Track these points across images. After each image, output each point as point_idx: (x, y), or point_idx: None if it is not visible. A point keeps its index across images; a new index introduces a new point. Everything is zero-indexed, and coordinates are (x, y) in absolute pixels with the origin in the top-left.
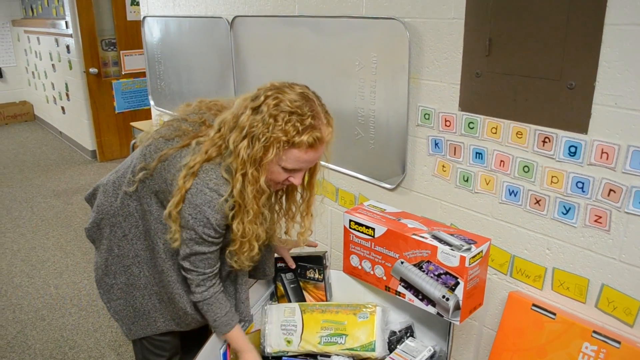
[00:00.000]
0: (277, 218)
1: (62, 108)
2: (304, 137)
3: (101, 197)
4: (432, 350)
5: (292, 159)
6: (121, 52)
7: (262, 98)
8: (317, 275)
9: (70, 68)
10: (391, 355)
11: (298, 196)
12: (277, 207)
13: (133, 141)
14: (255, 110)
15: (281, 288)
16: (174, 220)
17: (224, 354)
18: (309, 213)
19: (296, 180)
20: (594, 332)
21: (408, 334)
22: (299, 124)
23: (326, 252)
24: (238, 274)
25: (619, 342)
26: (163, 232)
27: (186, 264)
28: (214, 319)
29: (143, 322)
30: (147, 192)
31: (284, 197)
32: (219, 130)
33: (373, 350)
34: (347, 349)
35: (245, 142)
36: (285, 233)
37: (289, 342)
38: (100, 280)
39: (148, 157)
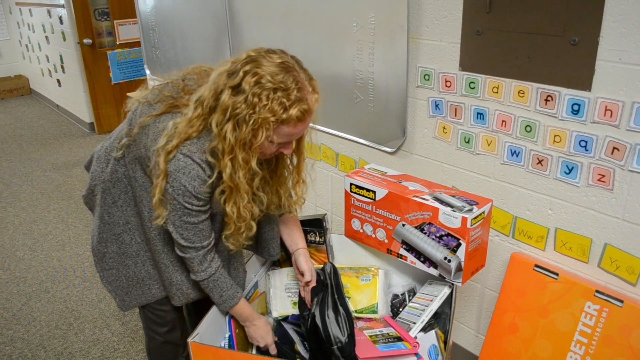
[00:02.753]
0: (271, 190)
1: (58, 81)
2: (292, 112)
3: (95, 164)
4: (452, 287)
5: (282, 134)
6: (115, 21)
7: (240, 74)
8: (318, 238)
9: (64, 40)
10: (413, 300)
11: (288, 162)
12: (266, 175)
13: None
14: (236, 89)
15: (283, 253)
16: (162, 203)
17: (229, 321)
18: (300, 180)
19: (287, 150)
20: (597, 291)
21: (411, 297)
22: (285, 100)
23: (326, 214)
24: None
25: (621, 301)
26: (148, 200)
27: (181, 241)
28: (220, 294)
29: (137, 290)
30: (131, 158)
31: (269, 169)
32: (196, 109)
33: (375, 312)
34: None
35: (230, 125)
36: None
37: (294, 303)
38: (94, 248)
39: (133, 122)
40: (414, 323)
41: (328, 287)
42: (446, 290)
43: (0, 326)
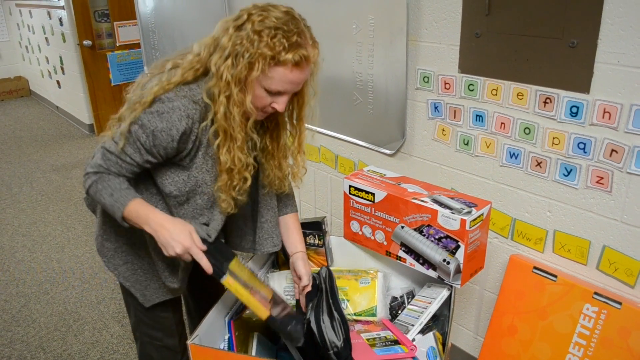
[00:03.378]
0: (275, 163)
1: (58, 82)
2: (290, 55)
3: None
4: (451, 290)
5: (277, 78)
6: (115, 23)
7: (245, 17)
8: (317, 241)
9: (64, 41)
10: (412, 302)
11: (288, 132)
12: (268, 145)
13: None
14: (239, 28)
15: (282, 256)
16: (120, 118)
17: (229, 323)
18: (301, 150)
19: (279, 105)
20: (595, 293)
21: (410, 299)
22: (284, 40)
23: (325, 217)
24: (212, 222)
25: (620, 303)
26: (145, 181)
27: (100, 150)
28: (111, 192)
29: (155, 284)
30: None
31: (271, 138)
32: (198, 54)
33: (374, 315)
34: (349, 314)
35: (228, 62)
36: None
37: (293, 306)
38: (101, 248)
39: (132, 94)
40: (412, 325)
41: (323, 292)
42: (445, 293)
43: None
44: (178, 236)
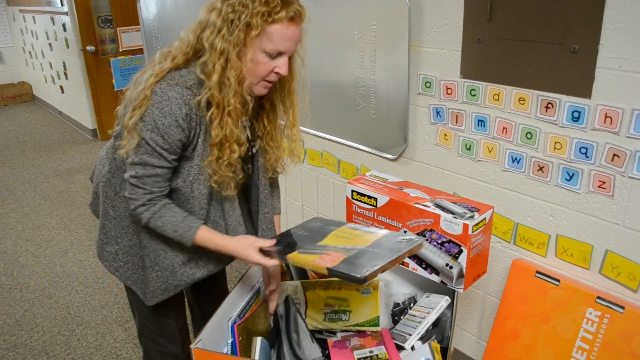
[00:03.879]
0: (271, 142)
1: (61, 87)
2: (284, 12)
3: (97, 165)
4: (449, 300)
5: (276, 35)
6: (118, 28)
7: None
8: None
9: (67, 46)
10: (411, 312)
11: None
12: (267, 126)
13: None
14: (225, 1)
15: (283, 265)
16: (128, 129)
17: (232, 327)
18: (296, 124)
19: (282, 68)
20: (598, 297)
21: (412, 305)
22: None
23: None
24: (224, 205)
25: (622, 307)
26: None
27: (132, 180)
28: (174, 228)
29: (155, 282)
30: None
31: (268, 119)
32: (187, 39)
33: (377, 325)
34: (352, 325)
35: (223, 31)
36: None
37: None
38: (101, 252)
39: (130, 93)
40: (410, 335)
41: (282, 335)
42: (443, 303)
43: (3, 332)
44: (246, 255)
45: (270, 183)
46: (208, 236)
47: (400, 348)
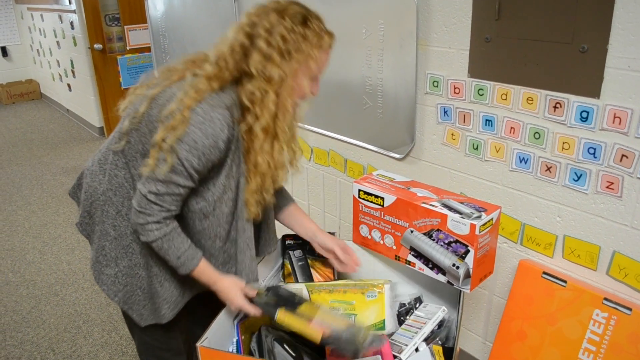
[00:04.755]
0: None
1: (68, 85)
2: (327, 38)
3: (88, 180)
4: (446, 311)
5: (322, 62)
6: (125, 27)
7: (272, 15)
8: None
9: (75, 44)
10: (407, 322)
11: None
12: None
13: None
14: (270, 29)
15: (288, 266)
16: (160, 148)
17: (237, 326)
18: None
19: (317, 90)
20: (605, 299)
21: (417, 305)
22: (322, 25)
23: (335, 232)
24: (239, 224)
25: (630, 309)
26: None
27: (151, 196)
28: (178, 255)
29: (152, 305)
30: (132, 154)
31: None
32: (222, 61)
33: (383, 328)
34: None
35: (276, 59)
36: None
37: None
38: (99, 274)
39: (135, 106)
40: (406, 345)
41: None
42: (440, 314)
43: (10, 329)
44: (232, 297)
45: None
46: (205, 269)
47: (396, 357)
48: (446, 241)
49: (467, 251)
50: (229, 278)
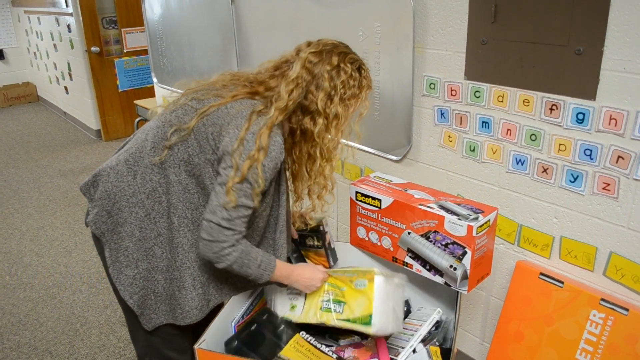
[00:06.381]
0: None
1: (65, 88)
2: (370, 81)
3: (112, 180)
4: (441, 312)
5: (365, 103)
6: (122, 29)
7: (334, 58)
8: (316, 242)
9: (72, 47)
10: (403, 325)
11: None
12: (298, 153)
13: (137, 119)
14: (337, 68)
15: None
16: (235, 175)
17: (234, 328)
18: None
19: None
20: (602, 299)
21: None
22: (368, 70)
23: (323, 217)
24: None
25: (627, 310)
26: (182, 208)
27: (224, 223)
28: (258, 264)
29: (165, 307)
30: (175, 161)
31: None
32: (290, 93)
33: (368, 324)
34: (344, 320)
35: (336, 99)
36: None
37: (293, 307)
38: (118, 274)
39: (180, 119)
40: (403, 348)
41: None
42: (435, 316)
43: (7, 331)
44: (312, 275)
45: None
46: (281, 264)
47: None
48: (443, 243)
49: (465, 253)
50: (298, 265)
